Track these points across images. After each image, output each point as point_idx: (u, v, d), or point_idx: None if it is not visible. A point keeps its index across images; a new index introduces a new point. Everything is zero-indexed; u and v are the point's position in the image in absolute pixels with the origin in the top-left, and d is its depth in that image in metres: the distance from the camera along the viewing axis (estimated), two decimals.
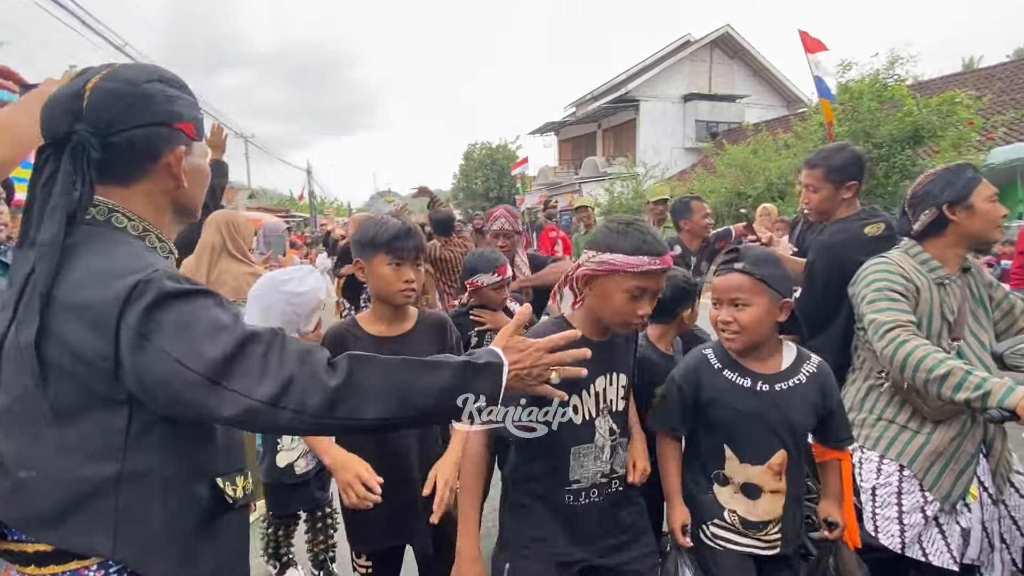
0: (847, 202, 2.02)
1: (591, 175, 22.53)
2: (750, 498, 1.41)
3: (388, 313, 1.56)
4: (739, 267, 1.37)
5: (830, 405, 1.44)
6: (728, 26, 21.54)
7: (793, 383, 1.41)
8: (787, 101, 22.86)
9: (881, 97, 8.82)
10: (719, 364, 1.46)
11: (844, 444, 1.50)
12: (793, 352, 1.47)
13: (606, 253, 1.22)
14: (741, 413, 1.40)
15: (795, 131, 11.45)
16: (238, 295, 2.43)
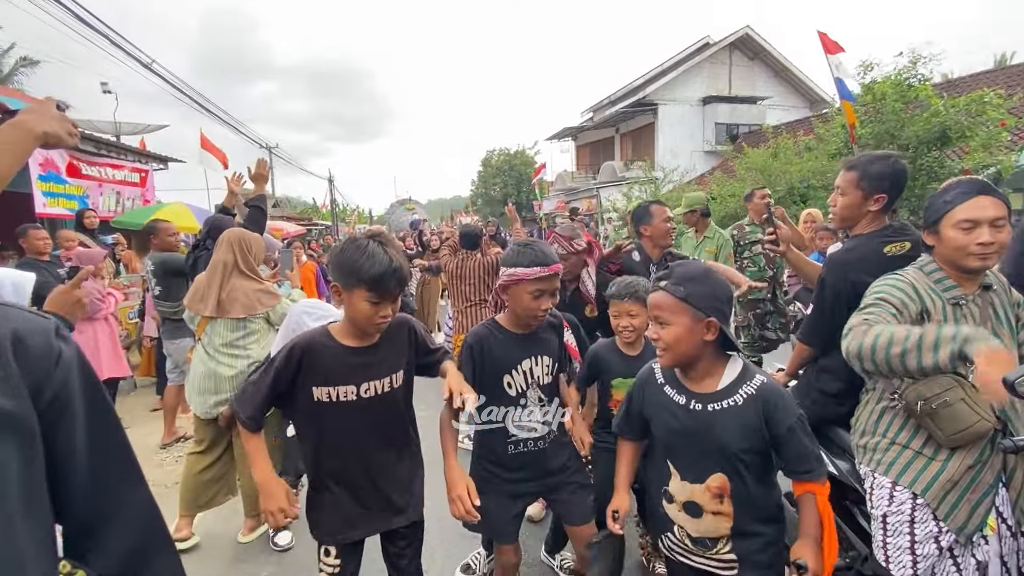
0: (873, 216, 1.89)
1: (609, 180, 22.37)
2: (692, 516, 1.44)
3: (359, 331, 1.57)
4: (662, 285, 1.41)
5: (776, 430, 1.36)
6: (748, 27, 21.20)
7: (727, 404, 1.39)
8: (810, 102, 22.37)
9: (905, 97, 8.53)
10: (662, 379, 1.53)
11: (808, 476, 1.39)
12: (736, 371, 1.42)
13: (512, 268, 1.68)
14: (676, 431, 1.44)
15: (817, 133, 11.18)
16: (248, 311, 2.50)
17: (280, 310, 2.60)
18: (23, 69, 19.46)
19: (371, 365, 1.57)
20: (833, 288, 1.86)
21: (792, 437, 1.36)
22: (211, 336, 2.56)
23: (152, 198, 8.76)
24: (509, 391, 1.77)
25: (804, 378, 2.08)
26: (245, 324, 2.53)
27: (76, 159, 6.96)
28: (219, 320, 2.52)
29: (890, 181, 1.85)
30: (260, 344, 2.58)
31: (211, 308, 2.48)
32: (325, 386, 1.52)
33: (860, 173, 1.88)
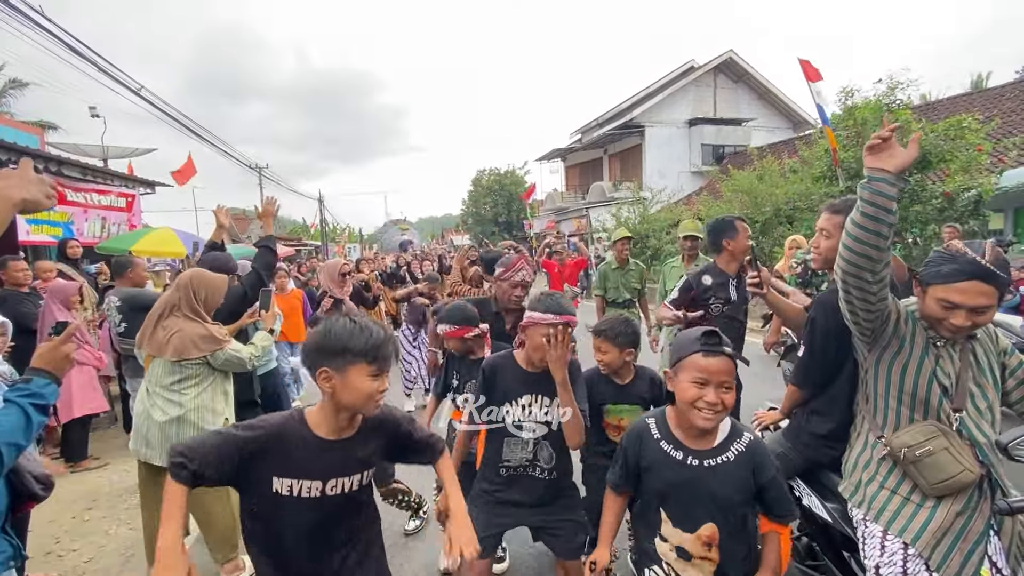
0: None
1: (598, 200, 22.61)
2: (682, 559, 1.52)
3: (345, 420, 1.39)
4: (729, 352, 1.48)
5: (762, 481, 1.50)
6: (731, 51, 21.78)
7: (721, 460, 1.50)
8: (793, 123, 22.91)
9: None
10: (658, 435, 1.60)
11: (781, 520, 1.55)
12: (727, 429, 1.55)
13: (531, 312, 1.84)
14: (672, 483, 1.52)
15: (801, 156, 11.41)
16: (180, 355, 2.39)
17: (223, 356, 2.48)
18: (12, 91, 19.41)
19: (345, 461, 1.40)
20: (823, 329, 1.86)
21: (774, 485, 1.51)
22: (151, 375, 2.47)
23: (138, 223, 8.68)
24: (507, 419, 1.92)
25: (795, 420, 2.06)
26: (181, 368, 2.42)
27: (62, 185, 6.90)
28: (158, 360, 2.45)
29: None
30: (197, 390, 2.44)
31: (146, 346, 2.42)
32: (289, 478, 1.34)
33: (847, 217, 1.90)
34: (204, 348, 2.43)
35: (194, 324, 2.46)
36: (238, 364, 2.55)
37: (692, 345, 1.48)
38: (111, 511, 3.62)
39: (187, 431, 2.39)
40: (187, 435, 2.38)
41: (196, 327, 2.45)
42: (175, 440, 2.36)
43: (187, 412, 2.40)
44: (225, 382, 2.60)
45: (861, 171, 6.88)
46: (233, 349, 2.52)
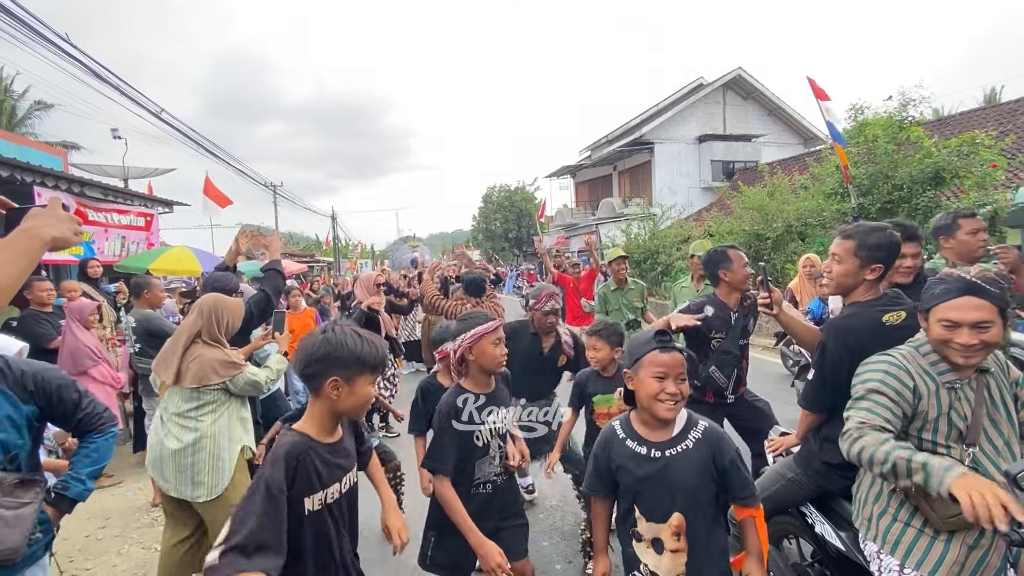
0: (869, 284, 1.90)
1: (608, 216, 22.65)
2: (657, 552, 1.59)
3: (335, 424, 1.51)
4: (679, 347, 1.62)
5: (722, 464, 1.57)
6: (740, 69, 21.89)
7: (681, 448, 1.59)
8: (804, 138, 22.86)
9: (897, 139, 8.71)
10: (623, 435, 1.68)
11: (747, 502, 1.61)
12: (684, 420, 1.64)
13: (469, 332, 1.95)
14: (640, 478, 1.60)
15: (812, 172, 11.37)
16: (200, 381, 2.40)
17: (242, 381, 2.49)
18: (37, 113, 20.10)
19: (346, 457, 1.54)
20: (834, 354, 1.85)
21: (734, 468, 1.58)
22: (167, 403, 2.46)
23: (156, 241, 8.87)
24: (476, 442, 1.98)
25: (806, 445, 2.04)
26: (199, 395, 2.42)
27: (84, 205, 7.09)
28: (175, 388, 2.43)
29: (887, 252, 1.86)
30: (214, 416, 2.44)
31: (170, 376, 2.40)
32: (319, 492, 1.42)
33: (858, 243, 1.88)
34: (224, 374, 2.44)
35: (213, 350, 2.46)
36: (256, 388, 2.56)
37: (648, 344, 1.62)
38: (124, 530, 3.65)
39: (202, 459, 2.37)
40: (202, 463, 2.37)
41: (215, 352, 2.46)
42: (189, 472, 2.36)
43: (203, 438, 2.39)
44: (242, 408, 2.58)
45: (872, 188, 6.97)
46: (251, 372, 2.53)
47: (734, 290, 2.88)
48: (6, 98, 18.98)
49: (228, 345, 2.57)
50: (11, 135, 10.07)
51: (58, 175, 6.67)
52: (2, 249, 0.97)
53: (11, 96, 19.30)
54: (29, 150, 7.98)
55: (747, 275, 2.87)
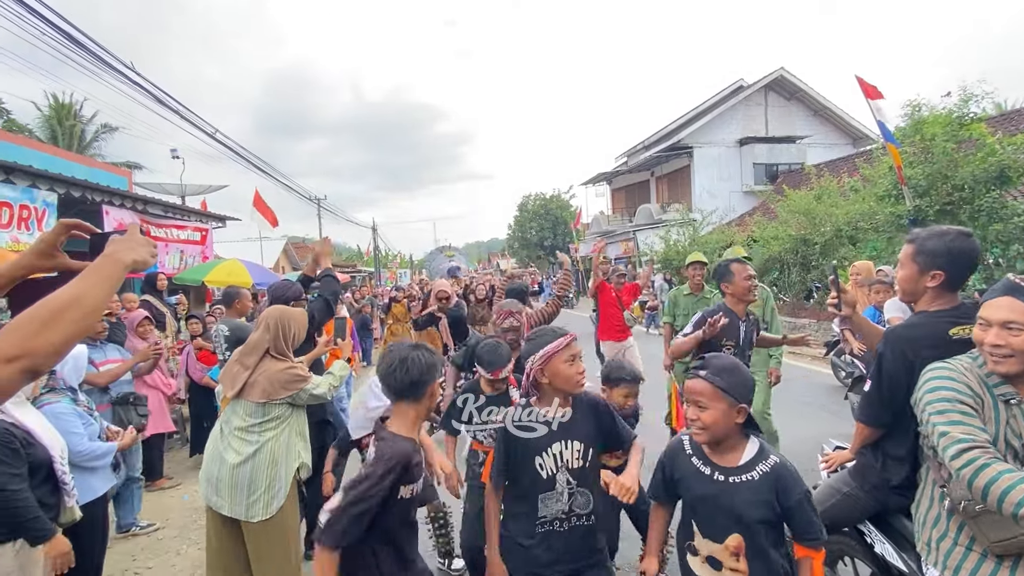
0: (935, 293, 1.76)
1: (646, 222, 22.33)
2: (714, 569, 1.58)
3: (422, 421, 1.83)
4: (702, 375, 1.60)
5: (787, 503, 1.53)
6: (782, 69, 21.24)
7: (745, 478, 1.57)
8: (852, 139, 21.91)
9: (957, 137, 8.23)
10: (690, 451, 1.70)
11: (810, 544, 1.56)
12: (755, 450, 1.61)
13: (539, 351, 1.80)
14: (699, 496, 1.62)
15: (863, 174, 10.89)
16: (267, 396, 2.37)
17: (307, 393, 2.46)
18: (103, 135, 21.63)
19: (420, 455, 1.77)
20: (891, 365, 1.74)
21: (800, 508, 1.54)
22: (229, 416, 2.43)
23: (211, 254, 9.34)
24: (540, 472, 1.82)
25: (864, 459, 1.93)
26: (264, 409, 2.38)
27: (146, 222, 7.55)
28: (240, 401, 2.40)
29: (946, 258, 1.72)
30: (276, 431, 2.40)
31: (229, 386, 2.41)
32: (410, 484, 1.67)
33: (917, 248, 1.79)
34: (291, 388, 2.42)
35: (280, 363, 2.43)
36: (320, 398, 2.56)
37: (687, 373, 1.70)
38: (183, 530, 3.84)
39: (260, 473, 2.33)
40: (259, 477, 2.33)
41: (282, 366, 2.43)
42: (245, 487, 2.30)
43: (262, 452, 2.35)
44: (301, 422, 2.56)
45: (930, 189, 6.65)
46: (314, 383, 2.52)
47: (739, 301, 3.08)
48: (76, 123, 20.50)
49: (293, 357, 2.55)
50: (82, 158, 10.88)
51: (124, 194, 7.14)
52: (91, 272, 1.05)
53: (81, 120, 20.82)
54: (98, 171, 8.59)
55: (748, 287, 3.06)
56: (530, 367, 1.82)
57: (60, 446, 2.15)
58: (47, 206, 5.50)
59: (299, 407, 2.55)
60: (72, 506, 2.19)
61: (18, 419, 2.02)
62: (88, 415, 2.62)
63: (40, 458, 2.03)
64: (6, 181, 5.05)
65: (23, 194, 5.22)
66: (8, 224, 5.09)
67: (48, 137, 19.03)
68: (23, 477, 1.93)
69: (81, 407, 2.60)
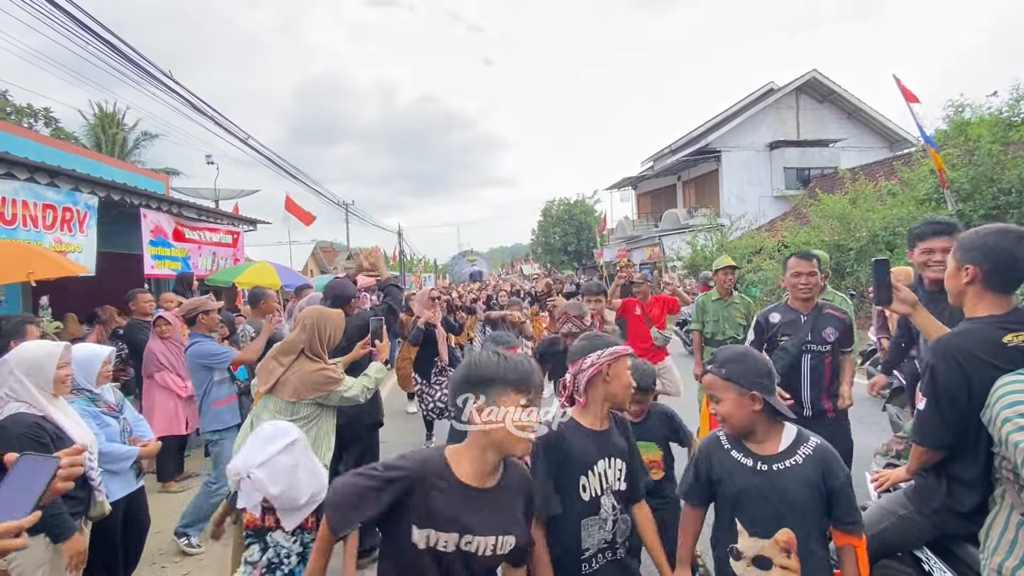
0: (977, 294, 1.61)
1: (672, 227, 22.00)
2: (762, 569, 1.52)
3: (492, 463, 1.31)
4: (710, 368, 1.62)
5: (832, 485, 1.51)
6: (815, 71, 20.72)
7: (789, 463, 1.54)
8: (889, 142, 21.19)
9: (1005, 138, 7.86)
10: (728, 445, 1.65)
11: (852, 528, 1.53)
12: (792, 435, 1.59)
13: (592, 353, 1.65)
14: (744, 489, 1.56)
15: (901, 177, 10.50)
16: (297, 396, 2.41)
17: (338, 395, 2.46)
18: (143, 143, 22.52)
19: (484, 513, 1.28)
20: (946, 378, 1.59)
21: (844, 491, 1.52)
22: (260, 411, 2.45)
23: (241, 257, 9.57)
24: (583, 495, 1.61)
25: (925, 480, 1.78)
26: (293, 408, 2.40)
27: (181, 225, 7.78)
28: (271, 397, 2.43)
29: (980, 252, 1.58)
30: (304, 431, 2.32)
31: (263, 381, 2.44)
32: (425, 528, 1.24)
33: (957, 243, 1.69)
34: (323, 389, 2.44)
35: (314, 363, 2.46)
36: (352, 400, 2.55)
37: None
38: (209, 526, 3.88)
39: None
40: None
41: (316, 366, 2.45)
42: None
43: None
44: (329, 423, 2.57)
45: (975, 192, 6.37)
46: (346, 386, 2.51)
47: (794, 296, 3.04)
48: (119, 131, 21.39)
49: (328, 359, 2.56)
50: (121, 163, 11.29)
51: (160, 198, 7.37)
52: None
53: (123, 128, 21.71)
54: (137, 176, 8.91)
55: (795, 283, 2.99)
56: (594, 362, 1.64)
57: (90, 442, 2.18)
58: (88, 208, 5.70)
59: (329, 408, 2.56)
60: (102, 500, 2.22)
61: (50, 413, 2.06)
62: (109, 416, 2.59)
63: None
64: (51, 184, 5.26)
65: (67, 197, 5.42)
66: (52, 225, 5.28)
67: (93, 144, 19.90)
68: None
69: (102, 407, 2.58)
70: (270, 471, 1.90)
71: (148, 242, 6.93)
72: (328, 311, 2.64)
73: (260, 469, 1.90)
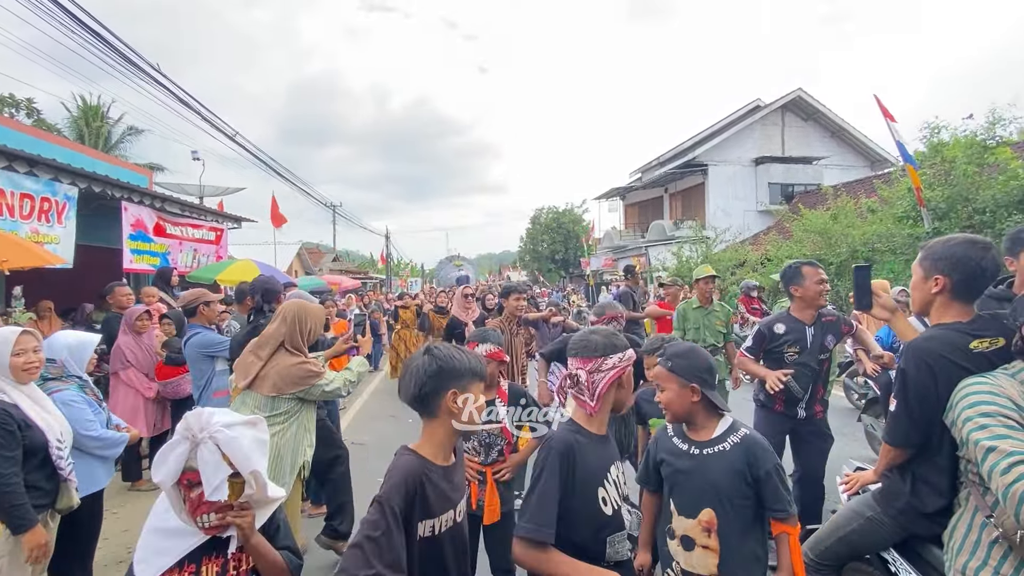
0: (944, 303, 1.67)
1: (658, 238, 22.22)
2: (686, 550, 1.64)
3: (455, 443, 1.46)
4: (659, 360, 1.76)
5: (757, 474, 1.60)
6: (800, 89, 21.19)
7: (718, 449, 1.66)
8: (870, 161, 21.71)
9: (980, 160, 8.11)
10: (672, 432, 1.79)
11: (781, 515, 1.62)
12: (727, 424, 1.71)
13: (614, 355, 1.56)
14: (678, 470, 1.70)
15: (881, 195, 10.77)
16: (277, 390, 2.35)
17: (319, 389, 2.42)
18: (128, 137, 22.13)
19: (458, 484, 1.46)
20: (916, 379, 1.63)
21: (770, 480, 1.60)
22: (238, 407, 2.38)
23: (224, 254, 9.44)
24: (604, 508, 1.49)
25: (891, 483, 1.82)
26: (273, 403, 2.34)
27: (163, 219, 7.66)
28: (249, 393, 2.37)
29: (948, 263, 1.64)
30: (283, 427, 2.34)
31: (241, 377, 2.38)
32: (430, 519, 1.33)
33: (924, 252, 1.74)
34: (304, 383, 2.38)
35: (294, 357, 2.40)
36: (333, 395, 2.51)
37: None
38: None
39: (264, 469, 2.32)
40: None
41: (296, 360, 2.39)
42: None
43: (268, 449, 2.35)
44: (310, 419, 2.52)
45: (949, 211, 6.53)
46: (327, 380, 2.47)
47: (808, 306, 2.95)
48: (103, 124, 21.02)
49: (308, 353, 2.51)
50: (104, 155, 11.10)
51: (142, 191, 7.26)
52: None
53: (108, 122, 21.35)
54: (120, 169, 8.76)
55: (820, 291, 2.93)
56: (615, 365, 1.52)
57: (60, 430, 2.13)
58: (68, 199, 5.59)
59: (309, 403, 2.51)
60: (72, 492, 2.17)
61: (17, 401, 2.01)
62: (96, 404, 2.59)
63: (37, 442, 2.01)
64: (29, 174, 5.15)
65: (45, 187, 5.32)
66: (29, 215, 5.17)
67: (75, 138, 19.52)
68: (16, 460, 1.91)
69: (90, 395, 2.58)
70: None
71: (128, 236, 6.81)
72: (309, 304, 2.58)
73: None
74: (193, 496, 1.30)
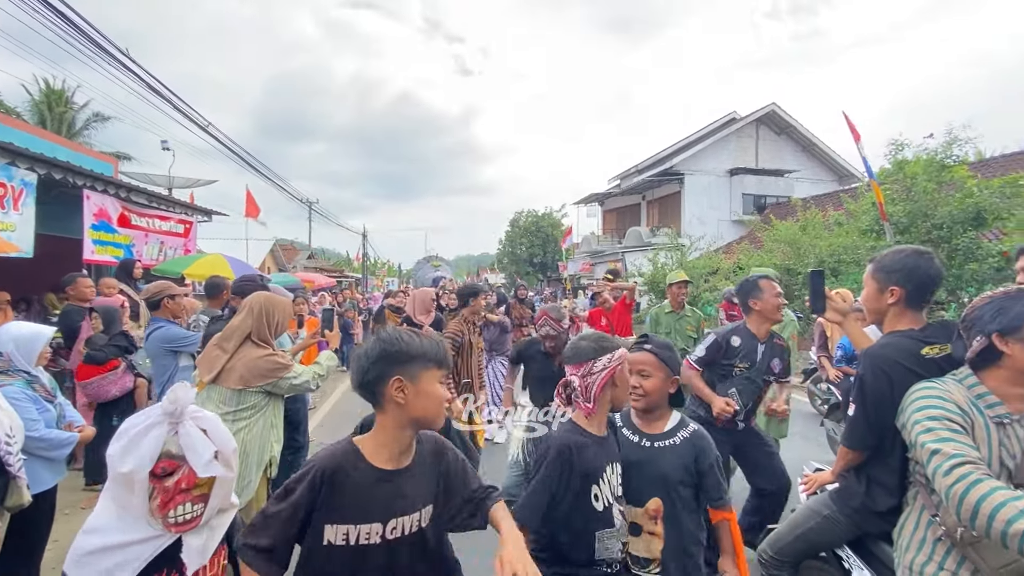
0: (898, 312, 1.76)
1: (635, 244, 22.53)
2: (634, 535, 1.72)
3: (407, 441, 1.29)
4: (647, 347, 1.81)
5: (701, 467, 1.73)
6: (774, 104, 21.81)
7: (669, 443, 1.77)
8: (838, 176, 22.48)
9: (938, 178, 8.49)
10: (620, 423, 1.87)
11: (721, 504, 1.76)
12: (676, 419, 1.82)
13: (603, 356, 1.61)
14: (629, 462, 1.74)
15: (847, 208, 11.16)
16: (244, 383, 2.31)
17: (287, 383, 2.38)
18: (94, 124, 21.33)
19: (404, 495, 1.26)
20: (873, 386, 1.70)
21: (712, 472, 1.74)
22: (203, 402, 2.29)
23: (193, 248, 9.17)
24: (596, 505, 1.56)
25: (847, 484, 1.89)
26: (240, 397, 2.29)
27: (128, 210, 7.40)
28: (215, 387, 2.31)
29: (903, 274, 1.73)
30: (250, 422, 2.31)
31: (206, 371, 2.31)
32: (341, 524, 1.19)
33: (876, 265, 1.82)
34: (271, 376, 2.34)
35: (261, 350, 2.36)
36: (300, 388, 2.47)
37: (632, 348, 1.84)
38: None
39: None
40: None
41: (263, 352, 2.35)
42: None
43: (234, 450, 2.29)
44: (277, 413, 2.47)
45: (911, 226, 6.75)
46: (295, 373, 2.43)
47: (765, 320, 2.91)
48: (67, 109, 20.21)
49: (275, 345, 2.46)
50: (67, 141, 10.67)
51: (107, 180, 6.99)
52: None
53: (72, 108, 20.53)
54: (83, 156, 8.43)
55: (778, 304, 2.88)
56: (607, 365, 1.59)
57: (10, 424, 2.03)
58: (25, 185, 5.35)
59: (276, 398, 2.47)
60: (23, 490, 2.07)
61: None
62: (46, 401, 2.46)
63: None
64: None
65: (1, 172, 5.09)
66: None
67: (37, 122, 18.72)
68: None
69: (39, 391, 2.44)
70: None
71: (90, 226, 6.55)
72: (277, 297, 2.54)
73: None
74: (168, 485, 1.17)
